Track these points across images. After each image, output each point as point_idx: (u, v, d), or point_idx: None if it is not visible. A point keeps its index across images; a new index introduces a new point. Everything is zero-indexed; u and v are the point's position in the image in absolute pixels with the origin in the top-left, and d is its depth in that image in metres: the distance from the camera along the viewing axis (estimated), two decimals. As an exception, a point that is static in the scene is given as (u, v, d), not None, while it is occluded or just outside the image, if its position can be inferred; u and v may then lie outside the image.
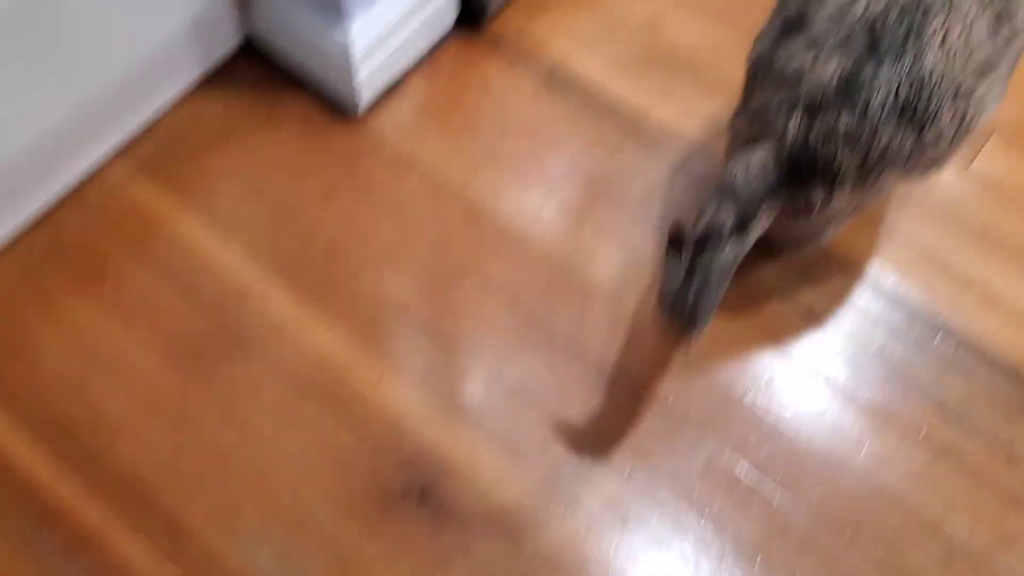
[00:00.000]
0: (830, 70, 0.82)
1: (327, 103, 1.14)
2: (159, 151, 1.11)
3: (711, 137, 1.14)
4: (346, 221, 1.08)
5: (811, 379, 1.01)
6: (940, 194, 1.12)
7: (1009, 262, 1.09)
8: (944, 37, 0.82)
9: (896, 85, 0.82)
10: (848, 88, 0.82)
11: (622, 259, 1.07)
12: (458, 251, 1.07)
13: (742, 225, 0.88)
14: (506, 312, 1.03)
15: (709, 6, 1.24)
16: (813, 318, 1.05)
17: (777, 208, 0.88)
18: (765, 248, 1.06)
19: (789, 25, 0.87)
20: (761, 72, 0.88)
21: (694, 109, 1.16)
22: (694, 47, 1.21)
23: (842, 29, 0.83)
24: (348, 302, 1.03)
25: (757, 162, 0.86)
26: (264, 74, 1.16)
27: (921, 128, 0.84)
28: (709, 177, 1.11)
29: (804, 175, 0.85)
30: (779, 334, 1.04)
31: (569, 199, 1.10)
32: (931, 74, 0.82)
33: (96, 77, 0.98)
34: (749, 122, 0.88)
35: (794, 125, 0.84)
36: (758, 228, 0.89)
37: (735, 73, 0.90)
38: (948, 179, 1.13)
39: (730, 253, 0.88)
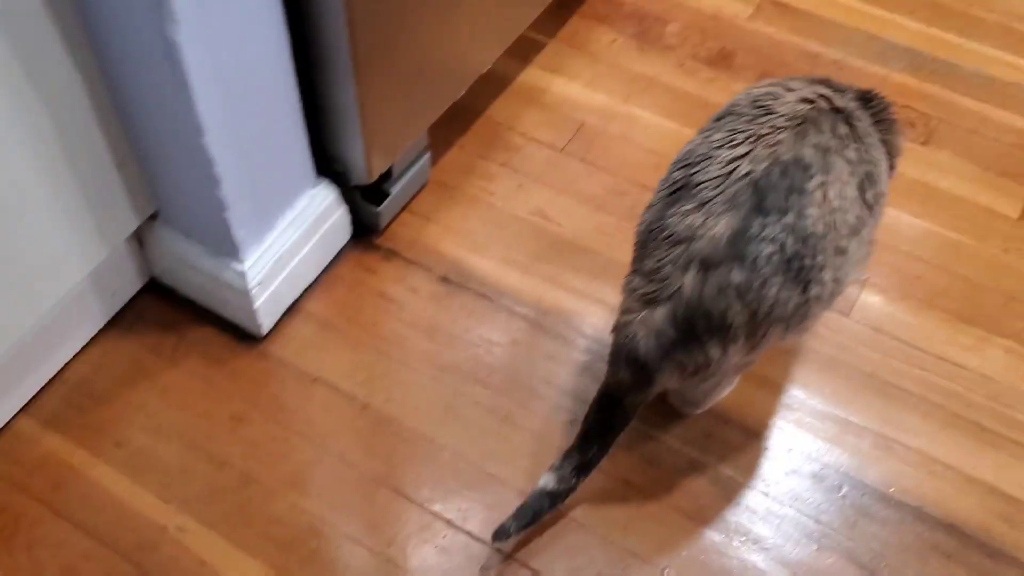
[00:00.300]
0: (720, 227, 0.88)
1: (231, 331, 1.18)
2: (68, 400, 1.12)
3: (604, 317, 1.19)
4: (257, 446, 1.10)
5: (726, 546, 1.03)
6: (826, 345, 1.18)
7: (898, 404, 1.13)
8: (824, 195, 0.89)
9: (783, 239, 0.87)
10: (738, 243, 0.87)
11: (533, 451, 1.09)
12: (371, 463, 1.08)
13: (642, 386, 0.93)
14: (423, 519, 1.04)
15: (589, 195, 1.31)
16: (721, 483, 1.08)
17: (676, 367, 0.92)
18: (663, 414, 1.11)
19: (676, 191, 0.92)
20: (653, 235, 0.93)
21: (584, 293, 1.22)
22: (578, 234, 1.27)
23: (728, 189, 0.89)
24: (264, 529, 1.04)
25: (656, 323, 0.90)
26: (168, 309, 1.20)
27: (807, 283, 0.89)
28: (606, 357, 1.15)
29: (699, 332, 0.89)
30: (691, 504, 1.06)
31: (474, 395, 1.13)
32: (814, 230, 0.88)
33: (1, 340, 1.01)
34: (646, 280, 0.92)
35: (690, 280, 0.89)
36: (657, 388, 0.94)
37: (619, 255, 0.95)
38: (832, 329, 1.19)
39: (628, 410, 0.95)
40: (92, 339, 1.17)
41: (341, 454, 1.09)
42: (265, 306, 1.14)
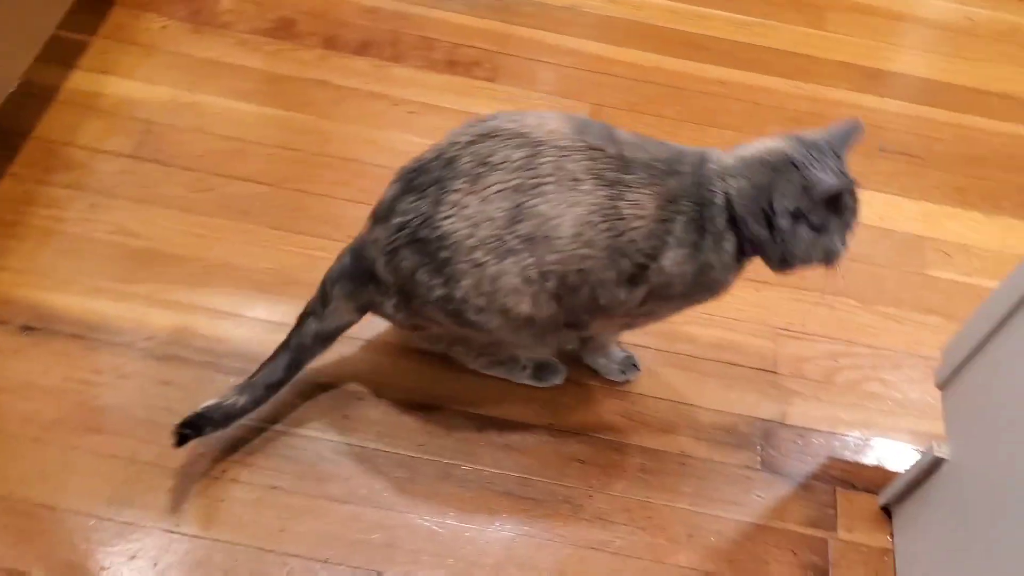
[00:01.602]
0: (390, 191, 0.99)
1: None
2: None
3: (213, 326, 1.14)
4: None
5: (387, 517, 1.04)
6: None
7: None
8: (459, 200, 0.93)
9: (413, 217, 0.95)
10: (392, 206, 0.97)
11: (171, 485, 1.02)
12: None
13: (323, 303, 1.04)
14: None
15: (171, 197, 1.23)
16: (368, 459, 1.08)
17: (351, 295, 1.03)
18: (291, 406, 1.09)
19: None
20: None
21: (188, 304, 1.15)
22: (168, 243, 1.19)
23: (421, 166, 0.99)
24: None
25: (340, 256, 1.05)
26: None
27: (448, 278, 0.95)
28: (224, 366, 1.10)
29: (362, 270, 1.02)
30: (342, 488, 1.05)
31: (89, 445, 1.04)
32: (443, 224, 0.93)
33: None
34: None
35: (367, 226, 1.02)
36: (337, 310, 1.04)
37: (216, 255, 0.90)
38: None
39: (312, 327, 1.04)
40: None
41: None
42: None
